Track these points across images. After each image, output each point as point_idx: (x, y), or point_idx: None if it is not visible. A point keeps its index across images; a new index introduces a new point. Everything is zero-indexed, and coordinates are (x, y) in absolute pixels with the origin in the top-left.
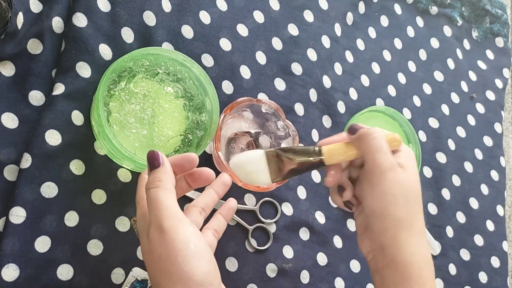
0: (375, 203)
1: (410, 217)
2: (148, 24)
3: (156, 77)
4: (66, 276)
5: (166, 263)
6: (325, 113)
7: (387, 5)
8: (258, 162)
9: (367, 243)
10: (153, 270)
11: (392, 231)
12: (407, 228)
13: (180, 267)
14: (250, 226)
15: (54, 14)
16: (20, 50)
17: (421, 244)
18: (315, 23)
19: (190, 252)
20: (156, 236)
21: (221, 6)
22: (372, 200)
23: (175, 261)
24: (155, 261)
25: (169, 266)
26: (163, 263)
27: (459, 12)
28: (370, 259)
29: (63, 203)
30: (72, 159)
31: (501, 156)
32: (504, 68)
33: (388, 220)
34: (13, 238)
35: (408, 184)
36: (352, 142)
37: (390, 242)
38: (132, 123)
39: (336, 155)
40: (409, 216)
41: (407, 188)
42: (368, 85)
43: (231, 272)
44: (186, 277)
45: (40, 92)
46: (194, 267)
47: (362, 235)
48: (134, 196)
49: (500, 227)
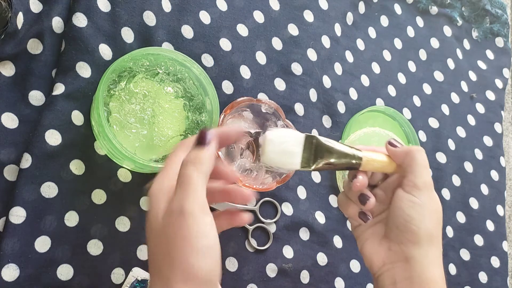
0: (412, 216)
1: (439, 235)
2: (148, 24)
3: (156, 77)
4: (66, 276)
5: (173, 248)
6: (325, 113)
7: (387, 5)
8: (296, 145)
9: (385, 254)
10: (156, 250)
11: (425, 246)
12: (436, 246)
13: (186, 258)
14: (250, 226)
15: (54, 14)
16: (20, 50)
17: (442, 264)
18: (315, 23)
19: (203, 246)
20: (173, 216)
21: (221, 6)
22: (408, 212)
23: (184, 250)
24: (162, 241)
25: (175, 253)
26: (171, 247)
27: (459, 12)
28: (385, 271)
29: (63, 203)
30: (72, 159)
31: (501, 156)
32: (504, 68)
33: (422, 234)
34: (13, 238)
35: (439, 203)
36: (393, 155)
37: (419, 256)
38: (132, 123)
39: (374, 163)
40: (439, 234)
41: (439, 207)
42: (368, 85)
43: (231, 272)
44: (189, 270)
45: (40, 92)
46: (201, 262)
47: (376, 246)
48: (134, 196)
49: (500, 227)
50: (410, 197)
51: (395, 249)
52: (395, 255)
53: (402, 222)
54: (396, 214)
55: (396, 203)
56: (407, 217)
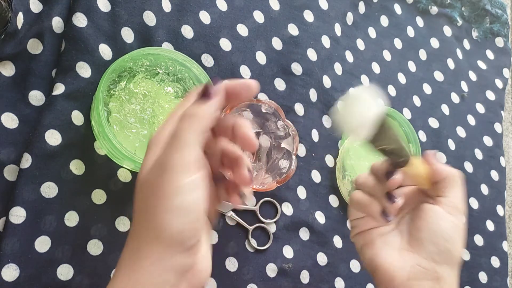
0: (453, 237)
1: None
2: (148, 24)
3: (156, 77)
4: (66, 276)
5: (149, 203)
6: (325, 113)
7: (387, 5)
8: (373, 116)
9: (410, 270)
10: (137, 204)
11: (455, 267)
12: (459, 269)
13: (158, 215)
14: (250, 226)
15: (54, 14)
16: (20, 50)
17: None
18: (315, 23)
19: (177, 205)
20: (156, 170)
21: (221, 6)
22: (451, 233)
23: (157, 206)
24: (143, 195)
25: (150, 208)
26: (148, 201)
27: (459, 12)
28: (409, 287)
29: (63, 203)
30: (72, 159)
31: (501, 156)
32: (504, 68)
33: (458, 255)
34: (13, 238)
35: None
36: (436, 171)
37: (449, 278)
38: (132, 123)
39: (414, 170)
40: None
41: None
42: (368, 85)
43: (231, 272)
44: (159, 229)
45: (40, 92)
46: (173, 221)
47: (397, 257)
48: (134, 196)
49: (500, 227)
50: (453, 218)
51: (426, 266)
52: (425, 273)
53: (441, 242)
54: (434, 232)
55: (434, 220)
56: (448, 238)
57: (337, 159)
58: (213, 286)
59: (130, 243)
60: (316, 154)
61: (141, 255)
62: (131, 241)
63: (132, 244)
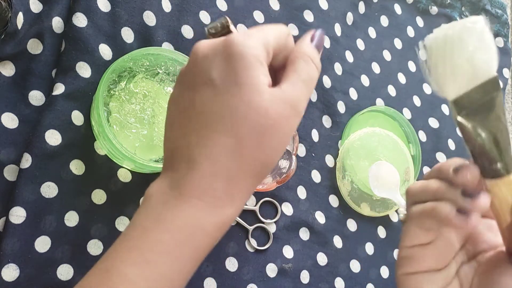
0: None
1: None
2: (148, 24)
3: (156, 77)
4: (66, 276)
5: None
6: (325, 113)
7: (387, 5)
8: (486, 67)
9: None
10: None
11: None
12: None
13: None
14: (250, 226)
15: (54, 14)
16: (20, 50)
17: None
18: (315, 23)
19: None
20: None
21: (221, 6)
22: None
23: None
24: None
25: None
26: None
27: (459, 12)
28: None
29: (63, 203)
30: (72, 159)
31: None
32: (504, 68)
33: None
34: (13, 238)
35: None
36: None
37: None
38: (132, 123)
39: (506, 194)
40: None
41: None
42: (368, 85)
43: (231, 272)
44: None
45: (40, 92)
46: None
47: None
48: (134, 196)
49: None
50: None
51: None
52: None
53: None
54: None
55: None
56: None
57: (337, 159)
58: (213, 286)
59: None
60: (316, 154)
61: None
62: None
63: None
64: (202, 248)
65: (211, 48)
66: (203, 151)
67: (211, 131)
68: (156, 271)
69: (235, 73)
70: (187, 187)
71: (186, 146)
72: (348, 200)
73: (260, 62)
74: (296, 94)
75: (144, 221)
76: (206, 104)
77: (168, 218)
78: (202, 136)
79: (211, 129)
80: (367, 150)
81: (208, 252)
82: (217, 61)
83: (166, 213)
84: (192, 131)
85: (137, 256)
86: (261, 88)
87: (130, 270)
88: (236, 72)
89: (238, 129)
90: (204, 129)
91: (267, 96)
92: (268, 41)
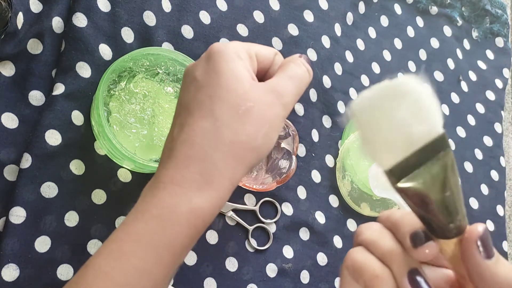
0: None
1: None
2: (148, 24)
3: (156, 77)
4: (66, 276)
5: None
6: (325, 113)
7: (387, 5)
8: (425, 132)
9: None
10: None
11: None
12: None
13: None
14: (250, 226)
15: (54, 14)
16: (20, 50)
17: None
18: (315, 23)
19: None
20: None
21: (221, 6)
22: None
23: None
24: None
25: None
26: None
27: (459, 12)
28: None
29: (63, 203)
30: (72, 159)
31: (501, 156)
32: (504, 68)
33: None
34: (13, 238)
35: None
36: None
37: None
38: (132, 123)
39: (456, 252)
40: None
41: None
42: (368, 85)
43: (231, 272)
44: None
45: (40, 92)
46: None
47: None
48: (134, 196)
49: (500, 227)
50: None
51: None
52: None
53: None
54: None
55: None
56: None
57: (337, 159)
58: (213, 286)
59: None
60: (316, 154)
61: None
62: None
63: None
64: (180, 238)
65: (198, 60)
66: (181, 137)
67: (190, 117)
68: (132, 262)
69: (215, 66)
70: (164, 174)
71: (170, 140)
72: (348, 200)
73: (239, 57)
74: (280, 85)
75: (127, 216)
76: (189, 97)
77: (144, 208)
78: (181, 125)
79: (190, 116)
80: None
81: (190, 244)
82: (200, 64)
83: (144, 203)
84: (176, 125)
85: (114, 248)
86: (241, 77)
87: (104, 262)
88: (216, 64)
89: (215, 111)
90: (185, 118)
91: (247, 84)
92: (250, 47)
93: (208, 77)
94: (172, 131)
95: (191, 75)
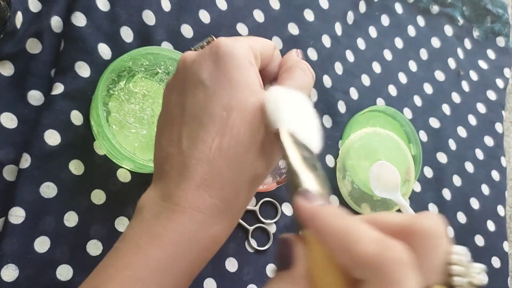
0: None
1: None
2: (148, 23)
3: (155, 76)
4: (65, 276)
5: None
6: (325, 113)
7: (387, 4)
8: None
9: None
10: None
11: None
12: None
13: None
14: (250, 227)
15: (53, 13)
16: (19, 50)
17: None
18: (315, 22)
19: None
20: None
21: (221, 5)
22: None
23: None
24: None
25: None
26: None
27: (460, 11)
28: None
29: (63, 203)
30: (72, 159)
31: (502, 156)
32: (505, 68)
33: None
34: (12, 238)
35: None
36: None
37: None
38: (132, 123)
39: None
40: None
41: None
42: (369, 85)
43: (231, 272)
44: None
45: (39, 92)
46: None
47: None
48: (133, 196)
49: (501, 228)
50: None
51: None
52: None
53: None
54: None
55: None
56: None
57: (338, 159)
58: (213, 286)
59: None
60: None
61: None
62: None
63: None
64: (197, 263)
65: (198, 54)
66: (195, 154)
67: (203, 132)
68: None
69: (227, 73)
70: (180, 196)
71: (178, 152)
72: (349, 200)
73: (250, 63)
74: None
75: (136, 235)
76: (198, 106)
77: (161, 232)
78: (194, 139)
79: (204, 130)
80: (368, 150)
81: (203, 265)
82: (206, 63)
83: (159, 226)
84: (183, 135)
85: (128, 274)
86: (255, 88)
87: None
88: (227, 71)
89: (233, 130)
90: (197, 131)
91: (261, 96)
92: (255, 45)
93: (219, 84)
94: (178, 140)
95: (196, 76)
